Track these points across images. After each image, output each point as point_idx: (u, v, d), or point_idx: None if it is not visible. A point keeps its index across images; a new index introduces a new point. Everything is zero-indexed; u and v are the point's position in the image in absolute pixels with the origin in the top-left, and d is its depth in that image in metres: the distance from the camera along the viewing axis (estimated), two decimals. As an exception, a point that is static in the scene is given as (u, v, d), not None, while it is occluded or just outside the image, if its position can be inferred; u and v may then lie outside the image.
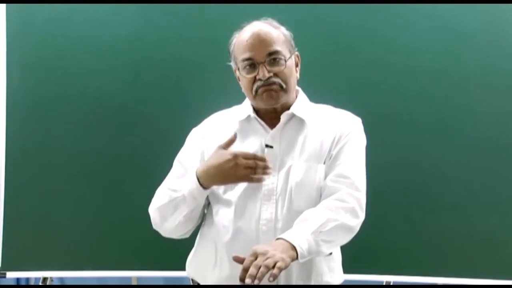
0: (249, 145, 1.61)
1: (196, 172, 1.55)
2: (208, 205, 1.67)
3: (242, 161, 1.48)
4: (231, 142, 1.53)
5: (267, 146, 1.59)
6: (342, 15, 2.42)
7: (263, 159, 1.49)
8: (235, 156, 1.49)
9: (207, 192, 1.57)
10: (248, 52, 1.57)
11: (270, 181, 1.57)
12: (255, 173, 1.48)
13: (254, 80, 1.57)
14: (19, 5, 2.47)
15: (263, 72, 1.55)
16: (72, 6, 2.45)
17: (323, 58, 2.35)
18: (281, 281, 1.54)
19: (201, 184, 1.54)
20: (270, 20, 1.63)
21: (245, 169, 1.48)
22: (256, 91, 1.58)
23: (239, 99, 1.70)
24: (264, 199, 1.56)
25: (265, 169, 1.48)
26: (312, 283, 1.58)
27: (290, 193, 1.56)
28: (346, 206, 1.53)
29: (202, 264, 1.64)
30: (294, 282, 1.56)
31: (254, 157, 1.49)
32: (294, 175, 1.57)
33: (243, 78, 1.61)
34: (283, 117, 1.61)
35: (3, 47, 2.46)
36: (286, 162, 1.58)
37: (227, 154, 1.50)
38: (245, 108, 1.67)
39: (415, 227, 2.40)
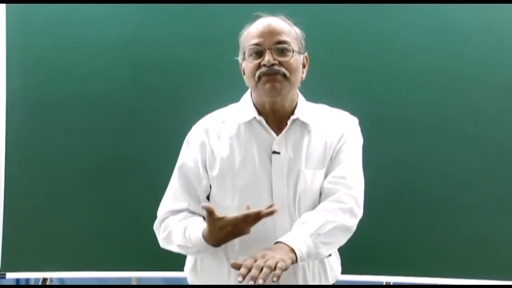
0: (253, 151, 1.58)
1: (203, 236, 1.51)
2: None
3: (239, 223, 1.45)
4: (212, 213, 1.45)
5: (274, 152, 1.57)
6: (342, 15, 2.42)
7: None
8: (227, 224, 1.45)
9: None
10: (256, 38, 1.55)
11: (280, 188, 1.56)
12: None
13: (259, 66, 1.53)
14: (19, 5, 2.47)
15: (269, 58, 1.52)
16: (72, 6, 2.45)
17: (323, 58, 2.34)
18: (299, 277, 1.56)
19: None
20: (283, 17, 1.62)
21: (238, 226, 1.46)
22: (259, 78, 1.54)
23: (238, 99, 1.69)
24: (277, 207, 1.53)
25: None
26: (329, 279, 1.62)
27: (299, 200, 1.56)
28: (344, 207, 1.53)
29: (212, 276, 1.61)
30: (311, 277, 1.58)
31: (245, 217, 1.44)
32: (302, 182, 1.57)
33: (248, 64, 1.56)
34: (290, 122, 1.59)
35: (3, 47, 2.47)
36: (293, 169, 1.57)
37: (217, 227, 1.46)
38: (247, 108, 1.62)
39: (415, 227, 2.40)
